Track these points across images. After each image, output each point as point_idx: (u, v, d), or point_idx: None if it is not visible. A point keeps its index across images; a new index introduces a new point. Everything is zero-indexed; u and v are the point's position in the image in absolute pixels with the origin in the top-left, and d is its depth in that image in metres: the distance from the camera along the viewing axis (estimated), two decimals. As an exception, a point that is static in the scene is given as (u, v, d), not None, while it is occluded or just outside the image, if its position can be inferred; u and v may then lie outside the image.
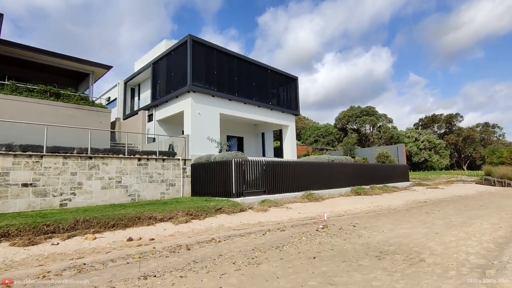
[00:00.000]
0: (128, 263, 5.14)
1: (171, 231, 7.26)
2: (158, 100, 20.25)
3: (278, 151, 27.34)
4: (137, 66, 25.52)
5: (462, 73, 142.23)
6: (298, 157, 27.63)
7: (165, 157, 12.64)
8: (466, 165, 70.59)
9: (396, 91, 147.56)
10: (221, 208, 9.40)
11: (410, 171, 57.13)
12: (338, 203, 12.71)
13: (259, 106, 22.06)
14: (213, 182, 11.92)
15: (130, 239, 6.39)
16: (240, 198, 10.95)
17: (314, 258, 5.40)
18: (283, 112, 24.29)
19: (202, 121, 17.94)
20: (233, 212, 9.48)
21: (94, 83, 20.95)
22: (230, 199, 10.92)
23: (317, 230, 7.71)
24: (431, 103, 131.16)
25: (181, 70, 18.19)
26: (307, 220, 9.07)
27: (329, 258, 5.32)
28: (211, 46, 18.90)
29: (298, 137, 65.68)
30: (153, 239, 6.58)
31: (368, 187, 18.62)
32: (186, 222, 8.04)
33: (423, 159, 56.62)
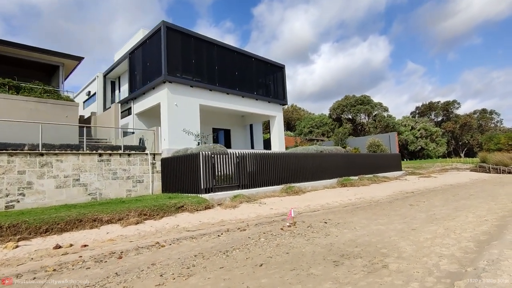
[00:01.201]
0: (34, 278, 4.31)
1: (114, 234, 6.42)
2: (135, 92, 19.27)
3: (268, 143, 26.47)
4: (117, 58, 24.43)
5: (460, 60, 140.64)
6: (286, 148, 26.82)
7: (133, 151, 11.76)
8: (463, 152, 69.96)
9: (394, 80, 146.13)
10: (183, 206, 8.57)
11: (406, 159, 56.51)
12: (319, 196, 11.90)
13: (243, 97, 21.08)
14: (181, 177, 11.07)
15: (57, 247, 5.55)
16: (210, 194, 10.12)
17: (261, 265, 4.57)
18: (269, 102, 23.33)
19: (180, 113, 17.00)
20: (197, 210, 8.65)
21: (69, 76, 19.97)
22: (198, 195, 10.09)
23: (282, 229, 6.89)
24: (429, 91, 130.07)
25: (156, 60, 17.16)
26: (276, 217, 8.25)
27: (278, 265, 4.50)
28: (188, 33, 17.83)
29: (293, 128, 64.79)
30: (86, 245, 5.74)
31: (356, 178, 17.83)
32: (137, 223, 7.20)
33: (420, 147, 55.87)
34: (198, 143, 15.83)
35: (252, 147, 26.80)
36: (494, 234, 5.51)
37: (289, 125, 70.15)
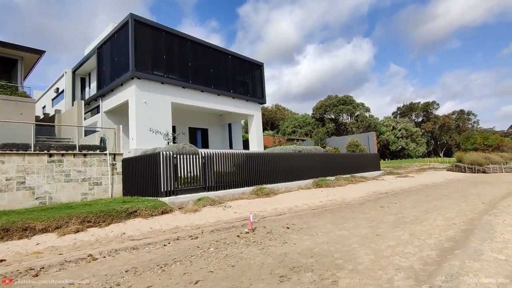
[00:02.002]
0: None
1: (44, 246, 5.63)
2: (103, 89, 18.25)
3: (248, 143, 25.88)
4: (87, 53, 23.21)
5: (440, 63, 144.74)
6: (266, 148, 26.31)
7: (91, 151, 10.87)
8: (442, 152, 71.69)
9: (377, 82, 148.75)
10: (136, 211, 7.83)
11: (388, 159, 57.22)
12: (290, 198, 11.38)
13: (218, 95, 20.39)
14: (142, 179, 10.29)
15: (-35, 263, 4.73)
16: (171, 197, 9.39)
17: (197, 283, 3.94)
18: (247, 100, 22.74)
19: (150, 111, 16.15)
20: (152, 216, 7.92)
21: (31, 70, 18.70)
22: (158, 198, 9.35)
23: (238, 236, 6.28)
24: (410, 93, 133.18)
25: (124, 55, 16.22)
26: (237, 222, 7.64)
27: (216, 283, 3.88)
28: (158, 27, 16.99)
29: (277, 128, 64.50)
30: (3, 260, 4.94)
31: (333, 178, 17.48)
32: (77, 231, 6.42)
33: (400, 147, 56.72)
34: (168, 142, 15.03)
35: (231, 147, 26.15)
36: (459, 241, 5.10)
37: (273, 125, 69.88)
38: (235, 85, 22.15)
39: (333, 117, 58.66)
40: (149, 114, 16.01)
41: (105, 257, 5.17)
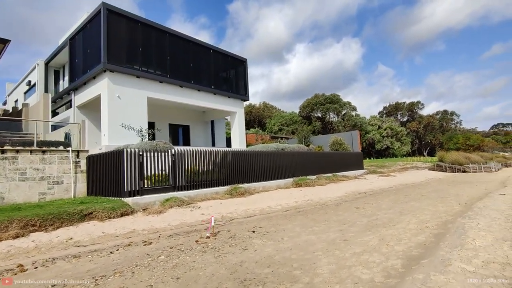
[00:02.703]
0: None
1: (-29, 254, 4.97)
2: (76, 82, 17.30)
3: (231, 141, 25.30)
4: (60, 44, 22.08)
5: (426, 65, 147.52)
6: (248, 146, 25.82)
7: (52, 148, 10.10)
8: (426, 151, 72.91)
9: (366, 82, 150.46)
10: (91, 213, 7.19)
11: (373, 158, 57.70)
12: (265, 198, 10.93)
13: (199, 90, 19.72)
14: (106, 178, 9.62)
15: None
16: (135, 197, 8.78)
17: (128, 300, 3.41)
18: (229, 97, 22.14)
19: (124, 106, 15.37)
20: (109, 218, 7.31)
21: (-3, 62, 17.54)
22: (121, 199, 8.72)
23: (197, 241, 5.76)
24: (397, 93, 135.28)
25: (96, 46, 15.34)
26: (201, 225, 7.12)
27: (150, 300, 3.36)
28: (134, 18, 16.17)
29: (263, 126, 64.10)
30: None
31: (314, 177, 17.16)
32: (16, 237, 5.76)
33: (386, 146, 57.28)
34: (142, 139, 14.33)
35: (213, 145, 25.56)
36: (429, 247, 4.73)
37: (260, 123, 69.46)
38: (217, 81, 21.51)
39: (320, 115, 58.68)
40: (123, 109, 15.24)
41: (37, 267, 4.56)
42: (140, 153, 9.21)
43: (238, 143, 22.56)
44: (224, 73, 22.44)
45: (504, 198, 9.65)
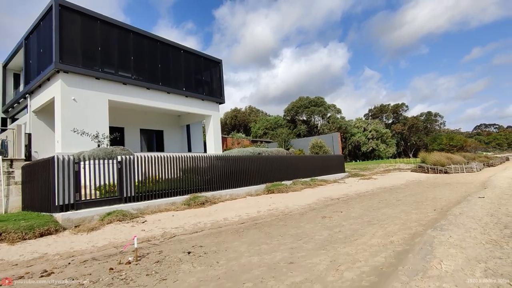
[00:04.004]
0: None
1: None
2: (30, 84, 15.95)
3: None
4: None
5: (411, 68, 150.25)
6: (226, 150, 24.75)
7: (-19, 157, 8.81)
8: (412, 152, 73.31)
9: (353, 85, 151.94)
10: (0, 234, 5.99)
11: (359, 160, 57.38)
12: (227, 208, 9.88)
13: (168, 93, 18.62)
14: (39, 190, 8.40)
15: None
16: (68, 212, 7.60)
17: None
18: (203, 99, 21.10)
19: (81, 110, 14.14)
20: (23, 239, 6.12)
21: None
22: (52, 214, 7.53)
23: (112, 269, 4.66)
24: (383, 96, 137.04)
25: (49, 46, 14.11)
26: (132, 245, 6.00)
27: None
28: (92, 15, 14.98)
29: (249, 130, 63.13)
30: None
31: (290, 182, 16.23)
32: None
33: (371, 148, 57.10)
34: (98, 145, 13.10)
35: (190, 150, 24.42)
36: (384, 274, 3.78)
37: (246, 127, 68.51)
38: (189, 82, 20.46)
39: (305, 118, 58.14)
40: (79, 113, 14.00)
41: None
42: (76, 161, 8.04)
43: (214, 148, 21.51)
44: (197, 74, 21.41)
45: (483, 202, 8.89)
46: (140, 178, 10.03)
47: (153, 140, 22.88)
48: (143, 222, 7.81)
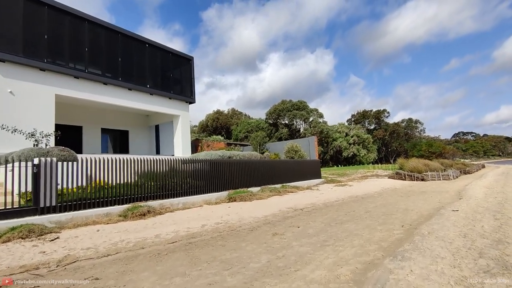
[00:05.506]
0: None
1: None
2: (-34, 75, 14.11)
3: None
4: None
5: (394, 76, 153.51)
6: (194, 153, 23.36)
7: None
8: (393, 158, 73.82)
9: (338, 91, 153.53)
10: None
11: (340, 165, 57.01)
12: (170, 220, 8.53)
13: (130, 89, 17.13)
14: None
15: None
16: (-45, 228, 6.06)
17: None
18: (170, 98, 19.70)
19: (21, 105, 12.50)
20: None
21: None
22: None
23: None
24: (367, 102, 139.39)
25: (-16, 30, 12.43)
26: (12, 275, 4.59)
27: None
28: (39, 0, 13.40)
29: (230, 133, 61.79)
30: None
31: (258, 189, 15.03)
32: None
33: (352, 153, 56.90)
34: (35, 144, 11.49)
35: (158, 152, 22.88)
36: None
37: (228, 130, 67.12)
38: (155, 80, 19.02)
39: (287, 122, 57.37)
40: (17, 108, 12.36)
41: None
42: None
43: (182, 151, 20.10)
44: (165, 71, 19.99)
45: (456, 217, 7.94)
46: (80, 184, 8.62)
47: (117, 141, 21.24)
48: (53, 240, 6.37)
